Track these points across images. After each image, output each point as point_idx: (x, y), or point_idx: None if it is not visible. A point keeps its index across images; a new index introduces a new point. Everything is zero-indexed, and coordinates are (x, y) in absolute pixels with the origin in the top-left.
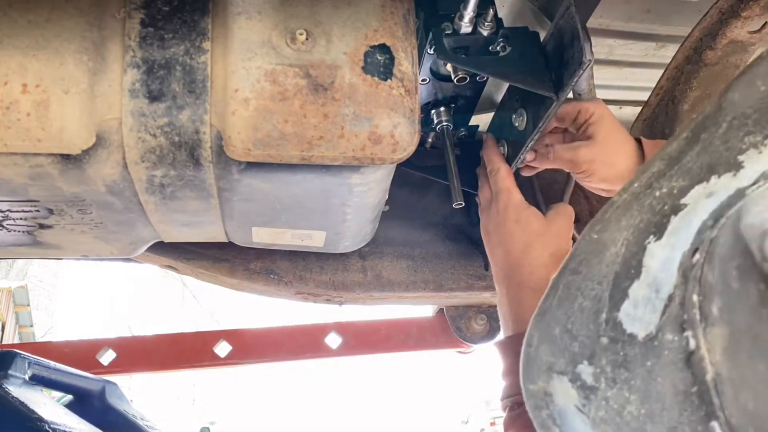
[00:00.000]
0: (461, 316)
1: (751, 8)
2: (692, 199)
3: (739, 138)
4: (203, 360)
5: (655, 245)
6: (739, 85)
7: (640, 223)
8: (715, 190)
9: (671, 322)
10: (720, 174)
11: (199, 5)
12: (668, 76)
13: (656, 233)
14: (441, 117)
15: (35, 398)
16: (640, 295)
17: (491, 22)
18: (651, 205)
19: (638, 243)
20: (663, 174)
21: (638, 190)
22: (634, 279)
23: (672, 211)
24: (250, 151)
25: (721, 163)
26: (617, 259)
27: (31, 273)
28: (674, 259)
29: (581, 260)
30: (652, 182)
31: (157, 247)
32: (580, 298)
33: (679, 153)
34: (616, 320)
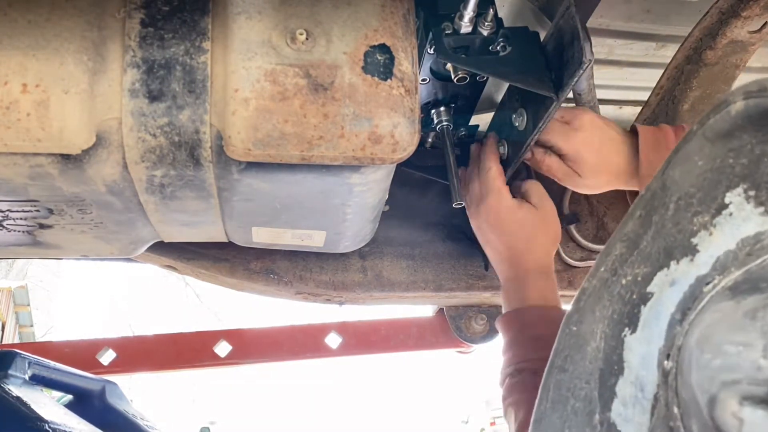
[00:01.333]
0: (461, 316)
1: (751, 8)
2: (657, 287)
3: (689, 219)
4: (203, 360)
5: (632, 338)
6: (677, 161)
7: (613, 313)
8: (677, 277)
9: (661, 425)
10: (678, 259)
11: (199, 5)
12: (668, 76)
13: (630, 325)
14: (441, 117)
15: (35, 398)
16: (627, 393)
17: (491, 22)
18: (620, 294)
19: (615, 336)
20: (625, 259)
21: (605, 276)
22: (618, 376)
23: (641, 301)
24: (250, 151)
25: (676, 246)
26: (599, 355)
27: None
28: (652, 355)
29: (566, 356)
30: (616, 268)
31: (157, 247)
32: (572, 400)
33: (635, 236)
34: (610, 421)
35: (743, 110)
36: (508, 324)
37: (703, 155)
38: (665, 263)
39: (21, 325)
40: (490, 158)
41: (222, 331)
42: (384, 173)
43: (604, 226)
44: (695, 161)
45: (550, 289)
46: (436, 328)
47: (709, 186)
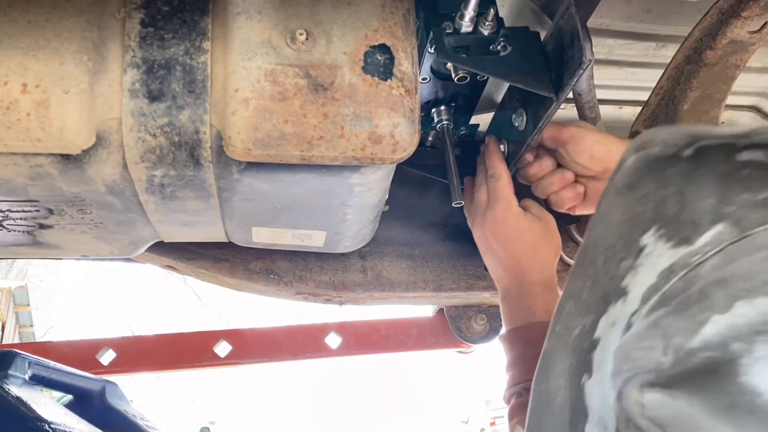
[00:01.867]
0: (461, 316)
1: (751, 8)
2: (602, 332)
3: (616, 266)
4: (203, 360)
5: (590, 383)
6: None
7: (571, 365)
8: (615, 318)
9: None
10: (614, 302)
11: (199, 5)
12: (668, 76)
13: (586, 371)
14: (441, 116)
15: (35, 398)
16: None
17: (492, 22)
18: (573, 346)
19: (575, 385)
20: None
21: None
22: (585, 421)
23: (591, 347)
24: (250, 151)
25: (611, 292)
26: (566, 405)
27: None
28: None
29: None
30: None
31: (157, 247)
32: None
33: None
34: None
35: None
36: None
37: (617, 209)
38: (603, 309)
39: (21, 325)
40: (499, 165)
41: (222, 331)
42: (384, 173)
43: None
44: (612, 214)
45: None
46: (436, 328)
47: (628, 233)
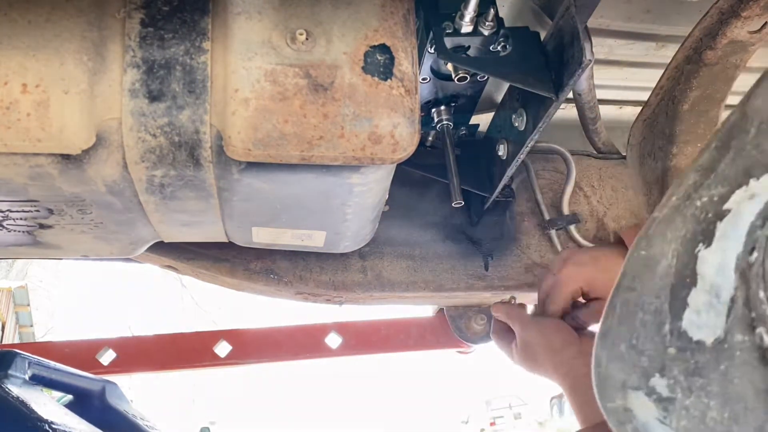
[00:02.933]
0: (461, 316)
1: (751, 8)
2: (735, 204)
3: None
4: (203, 360)
5: (706, 252)
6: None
7: (686, 233)
8: (757, 191)
9: (738, 323)
10: (758, 176)
11: (199, 5)
12: (668, 76)
13: (704, 241)
14: (441, 116)
15: (35, 398)
16: (700, 302)
17: (492, 22)
18: (694, 215)
19: (688, 253)
20: (700, 184)
21: (677, 203)
22: (691, 287)
23: (716, 218)
24: (250, 151)
25: (757, 165)
26: (670, 271)
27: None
28: (728, 262)
29: (633, 276)
30: (690, 193)
31: (157, 247)
32: (640, 314)
33: (712, 162)
34: (681, 330)
35: None
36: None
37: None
38: (744, 181)
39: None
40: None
41: (222, 331)
42: (384, 173)
43: (604, 226)
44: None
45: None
46: (436, 328)
47: None
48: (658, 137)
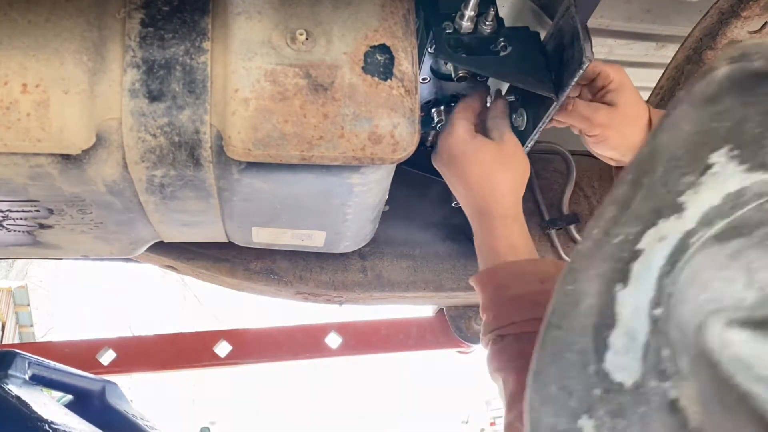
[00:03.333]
0: (461, 316)
1: (751, 8)
2: (647, 244)
3: (676, 180)
4: (203, 360)
5: (623, 293)
6: (666, 126)
7: (606, 272)
8: (665, 233)
9: (651, 370)
10: (666, 217)
11: (199, 5)
12: (668, 76)
13: (622, 281)
14: (441, 115)
15: (35, 398)
16: (619, 343)
17: (492, 22)
18: (611, 253)
19: (608, 292)
20: (617, 220)
21: (598, 237)
22: (611, 328)
23: (631, 258)
24: (250, 151)
25: (665, 206)
26: (593, 310)
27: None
28: (642, 306)
29: (561, 314)
30: (609, 229)
31: (157, 247)
32: (567, 353)
33: (626, 198)
34: (604, 371)
35: (728, 75)
36: (483, 283)
37: (690, 120)
38: (654, 222)
39: (21, 325)
40: (462, 101)
41: (222, 331)
42: (384, 173)
43: None
44: (682, 126)
45: (518, 236)
46: (436, 328)
47: (696, 148)
48: None
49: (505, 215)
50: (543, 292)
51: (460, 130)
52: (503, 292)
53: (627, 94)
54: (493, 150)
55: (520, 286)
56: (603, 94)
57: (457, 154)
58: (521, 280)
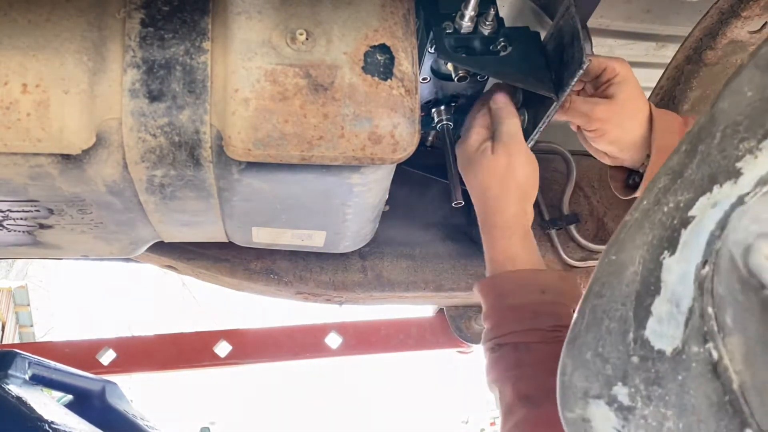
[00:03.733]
0: (461, 316)
1: (751, 8)
2: (699, 211)
3: (734, 146)
4: (203, 360)
5: (671, 260)
6: (727, 93)
7: (653, 239)
8: (719, 199)
9: (695, 335)
10: (721, 183)
11: (199, 5)
12: (668, 76)
13: (669, 248)
14: (442, 115)
15: (35, 398)
16: (662, 311)
17: (492, 22)
18: (661, 221)
19: (654, 260)
20: (668, 189)
21: (647, 207)
22: (654, 296)
23: (681, 225)
24: (250, 151)
25: (720, 172)
26: (636, 278)
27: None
28: (689, 272)
29: (603, 283)
30: (659, 198)
31: (157, 247)
32: (606, 321)
33: (680, 166)
34: (644, 338)
35: None
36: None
37: (753, 85)
38: (708, 188)
39: (21, 325)
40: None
41: (222, 331)
42: (384, 173)
43: (604, 226)
44: (744, 92)
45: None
46: (436, 328)
47: (757, 114)
48: None
49: (505, 227)
50: (544, 302)
51: (471, 136)
52: (503, 300)
53: (629, 87)
54: (494, 160)
55: (521, 295)
56: (605, 87)
57: (467, 163)
58: (522, 290)
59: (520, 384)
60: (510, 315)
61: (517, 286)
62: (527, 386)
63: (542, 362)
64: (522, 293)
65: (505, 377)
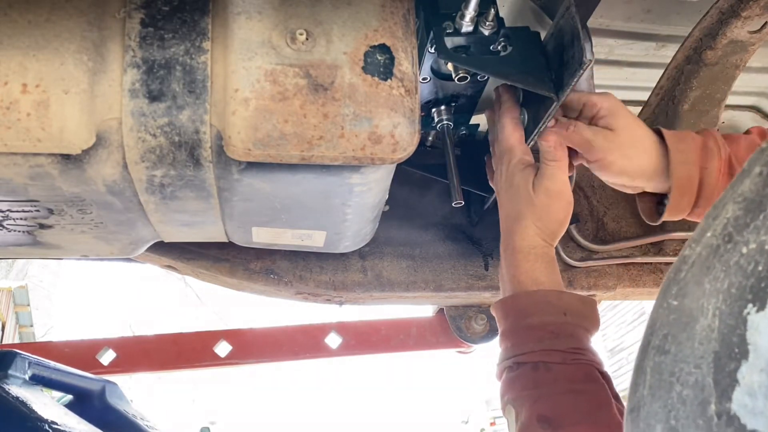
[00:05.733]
0: (461, 316)
1: (751, 8)
2: None
3: None
4: (203, 360)
5: (758, 317)
6: None
7: (730, 287)
8: None
9: None
10: None
11: (199, 5)
12: (668, 76)
13: (755, 301)
14: (442, 115)
15: (35, 398)
16: (754, 381)
17: (492, 22)
18: (739, 265)
19: (734, 314)
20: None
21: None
22: (741, 360)
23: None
24: (250, 151)
25: None
26: (712, 335)
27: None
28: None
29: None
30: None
31: (158, 247)
32: (677, 386)
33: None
34: (731, 413)
35: None
36: (504, 311)
37: None
38: None
39: (21, 325)
40: (505, 114)
41: (222, 331)
42: (384, 173)
43: (604, 226)
44: None
45: (542, 272)
46: (436, 328)
47: None
48: None
49: (528, 253)
50: (566, 324)
51: (516, 156)
52: (524, 319)
53: (621, 117)
54: (529, 192)
55: (543, 314)
56: (596, 121)
57: (508, 186)
58: (545, 309)
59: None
60: (530, 334)
61: (540, 305)
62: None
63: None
64: (544, 313)
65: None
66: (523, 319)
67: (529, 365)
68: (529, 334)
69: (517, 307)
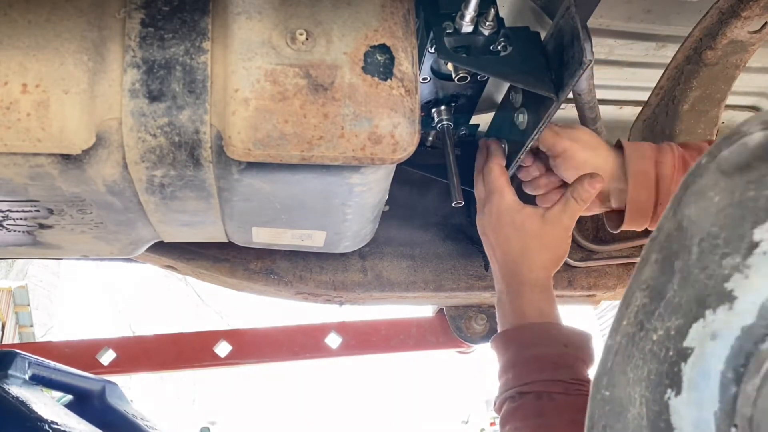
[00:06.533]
0: (461, 316)
1: (751, 8)
2: (695, 342)
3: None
4: (203, 360)
5: (677, 402)
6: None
7: (650, 374)
8: (716, 329)
9: None
10: (714, 308)
11: (199, 5)
12: (668, 76)
13: (673, 386)
14: (442, 115)
15: (35, 398)
16: None
17: (492, 22)
18: (653, 351)
19: (657, 400)
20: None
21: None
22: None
23: (679, 358)
24: (250, 151)
25: (709, 294)
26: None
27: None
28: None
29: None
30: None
31: (158, 247)
32: None
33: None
34: None
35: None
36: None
37: (719, 190)
38: (699, 314)
39: (21, 325)
40: (492, 158)
41: (222, 331)
42: (384, 173)
43: (603, 226)
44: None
45: (546, 304)
46: (436, 328)
47: (733, 223)
48: (658, 137)
49: (534, 285)
50: (566, 355)
51: (508, 196)
52: (527, 350)
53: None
54: (536, 227)
55: (545, 346)
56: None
57: (507, 222)
58: (546, 341)
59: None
60: (533, 364)
61: (543, 337)
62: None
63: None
64: (546, 345)
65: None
66: (527, 350)
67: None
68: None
69: (519, 339)
